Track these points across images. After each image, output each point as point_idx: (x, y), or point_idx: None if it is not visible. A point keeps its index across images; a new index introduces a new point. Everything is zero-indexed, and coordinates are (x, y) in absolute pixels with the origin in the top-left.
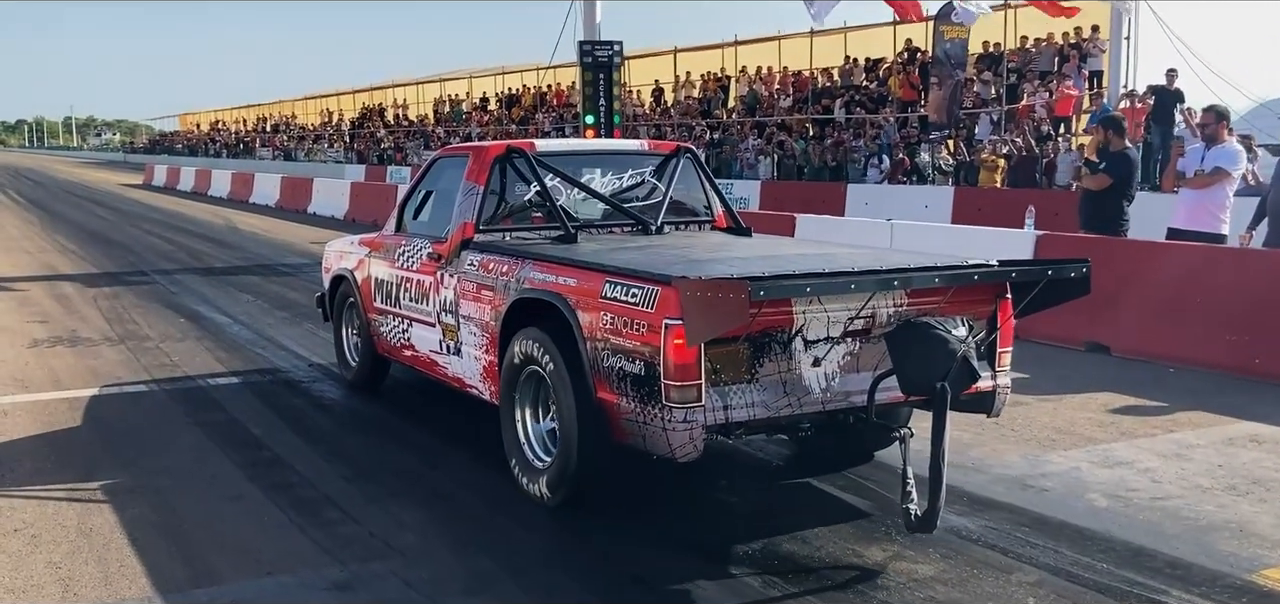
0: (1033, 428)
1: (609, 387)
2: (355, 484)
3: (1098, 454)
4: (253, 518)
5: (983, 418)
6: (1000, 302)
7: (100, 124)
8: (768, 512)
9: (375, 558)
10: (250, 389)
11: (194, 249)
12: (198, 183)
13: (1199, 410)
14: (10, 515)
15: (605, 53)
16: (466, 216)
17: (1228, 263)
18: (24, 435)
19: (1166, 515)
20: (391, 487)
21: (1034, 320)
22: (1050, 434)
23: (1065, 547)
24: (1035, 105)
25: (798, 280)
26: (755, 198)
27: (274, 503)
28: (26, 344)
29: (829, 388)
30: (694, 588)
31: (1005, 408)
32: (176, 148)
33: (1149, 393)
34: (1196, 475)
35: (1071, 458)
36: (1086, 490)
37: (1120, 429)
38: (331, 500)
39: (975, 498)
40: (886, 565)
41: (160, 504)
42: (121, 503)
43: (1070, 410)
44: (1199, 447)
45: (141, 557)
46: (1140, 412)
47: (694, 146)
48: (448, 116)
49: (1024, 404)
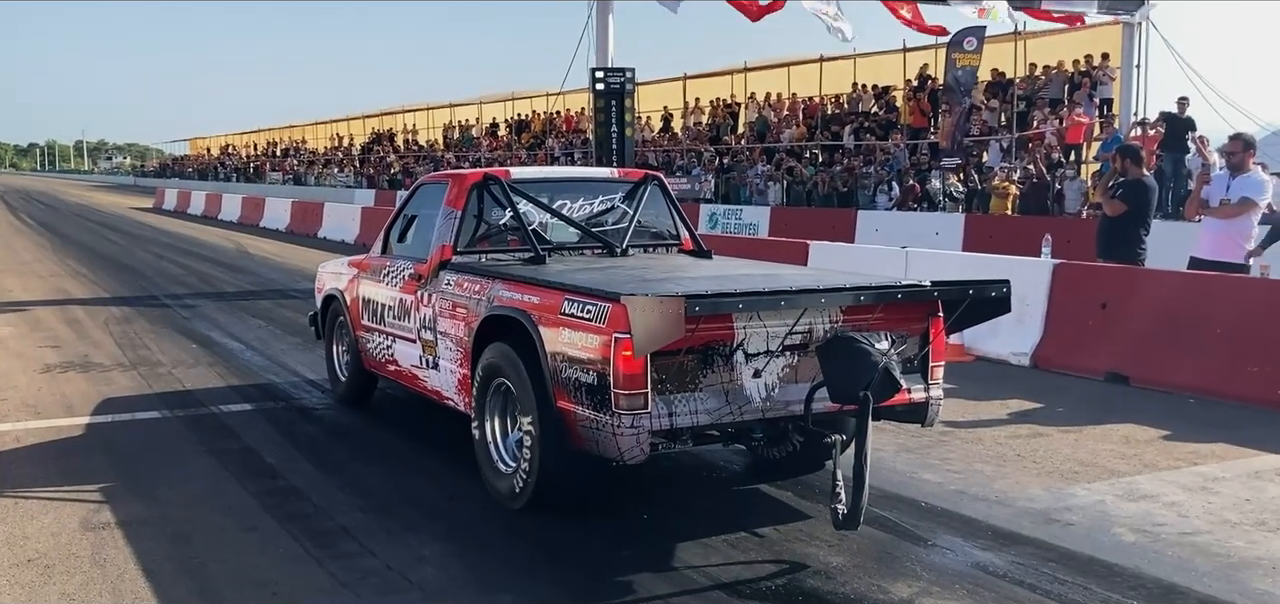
0: (1055, 460)
1: (567, 396)
2: (372, 515)
3: (1122, 487)
4: (268, 549)
5: (1005, 451)
6: (932, 319)
7: (111, 148)
8: (793, 537)
9: (393, 592)
10: (264, 416)
11: (205, 273)
12: (208, 207)
13: (1223, 442)
14: (23, 546)
15: (617, 80)
16: (445, 239)
17: (1251, 293)
18: (37, 463)
19: (1196, 551)
20: (409, 518)
21: (1052, 350)
22: (1073, 466)
23: (1094, 583)
24: (1046, 133)
25: (731, 297)
26: (765, 224)
27: (289, 534)
28: (39, 370)
29: (769, 397)
30: None
31: (1025, 439)
32: (187, 172)
33: (1171, 424)
34: (1224, 510)
35: (1096, 491)
36: (1112, 524)
37: (1144, 461)
38: (348, 532)
39: (1000, 532)
40: (913, 601)
41: (175, 535)
42: (135, 534)
43: (1092, 442)
44: (1225, 480)
45: (156, 589)
46: (1163, 443)
47: (661, 175)
48: (458, 142)
49: (1045, 435)
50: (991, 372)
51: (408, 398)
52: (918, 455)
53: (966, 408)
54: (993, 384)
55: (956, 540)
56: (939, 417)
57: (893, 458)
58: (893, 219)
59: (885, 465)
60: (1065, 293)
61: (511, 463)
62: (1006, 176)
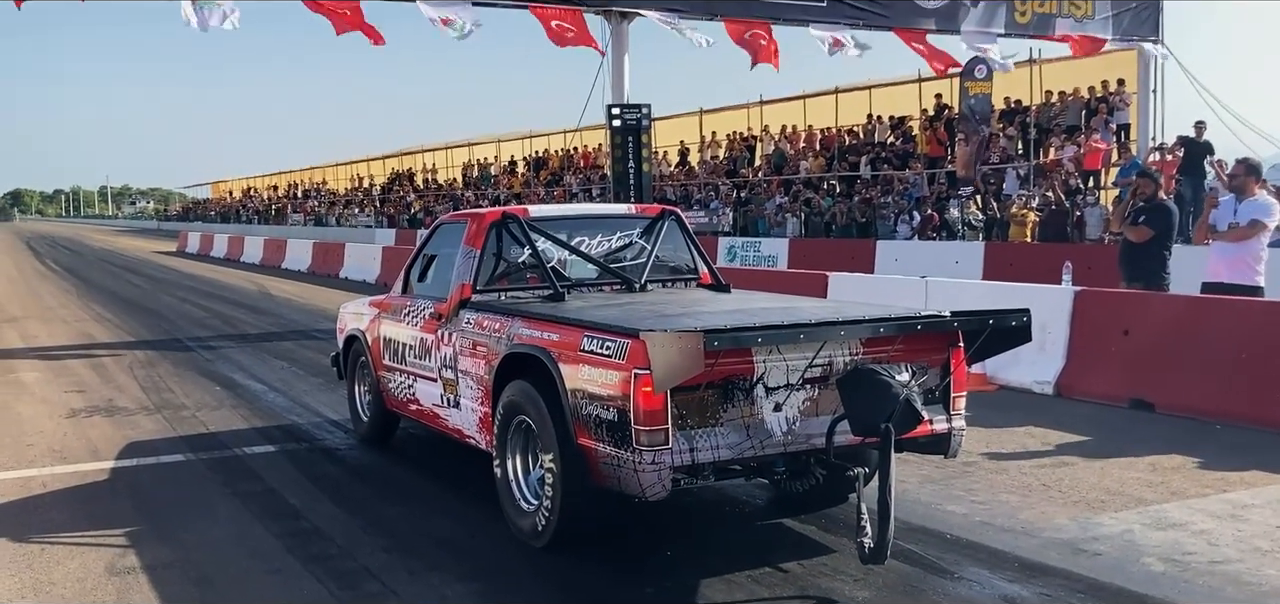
0: (1081, 489)
1: (588, 433)
2: (395, 555)
3: (1150, 516)
4: (292, 591)
5: (1030, 481)
6: (952, 349)
7: (135, 193)
8: (818, 572)
9: None
10: (287, 457)
11: (228, 316)
12: (231, 249)
13: (1253, 469)
14: (49, 592)
15: (634, 116)
16: (465, 278)
17: (1277, 316)
18: (63, 508)
19: (1227, 580)
20: (433, 558)
21: (1075, 378)
22: (1099, 495)
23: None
24: (1063, 159)
25: (750, 331)
26: (784, 256)
27: (314, 575)
28: (64, 414)
29: (790, 431)
30: None
31: (1050, 468)
32: (210, 215)
33: (1198, 451)
34: (1254, 537)
35: (1123, 520)
36: (1141, 555)
37: (1171, 489)
38: (371, 573)
39: (1027, 563)
40: None
41: (200, 578)
42: (160, 578)
43: (1118, 470)
44: (1255, 506)
45: None
46: (1191, 471)
47: (678, 209)
48: (476, 180)
49: (1070, 464)
50: (1014, 400)
51: (430, 437)
52: (942, 486)
53: (990, 437)
54: (1016, 413)
55: (983, 573)
56: (962, 447)
57: (917, 489)
58: (912, 248)
59: (909, 497)
60: (1087, 320)
61: (534, 500)
62: (1025, 204)
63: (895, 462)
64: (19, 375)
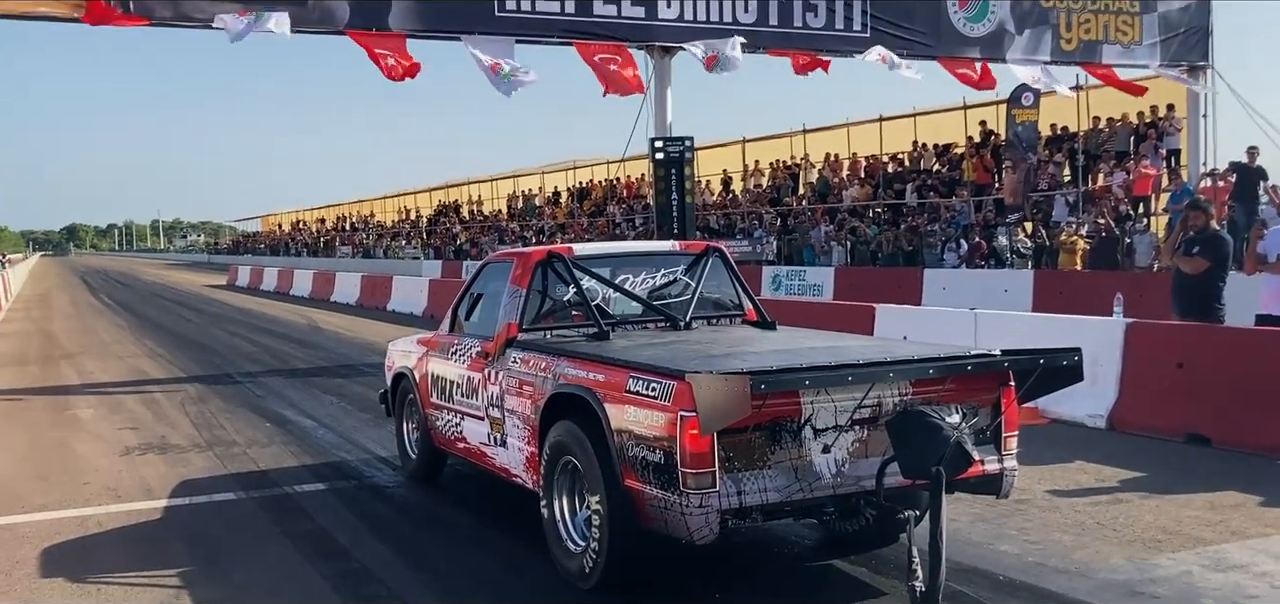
0: (1136, 528)
1: (635, 475)
2: (443, 596)
3: (1209, 557)
4: None
5: (1084, 520)
6: (1003, 388)
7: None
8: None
9: None
10: (336, 495)
11: (278, 350)
12: (280, 282)
13: None
14: None
15: (677, 148)
16: (511, 317)
17: None
18: (117, 547)
19: None
20: (479, 599)
21: (1128, 412)
22: (1156, 534)
23: None
24: (1112, 186)
25: (797, 373)
26: (829, 285)
27: None
28: (119, 452)
29: (839, 473)
30: None
31: (1104, 506)
32: (259, 248)
33: (1259, 488)
34: None
35: (1181, 561)
36: (1200, 596)
37: (1230, 528)
38: None
39: None
40: None
41: None
42: None
43: (1175, 508)
44: None
45: None
46: (1252, 509)
47: (723, 246)
48: (521, 211)
49: (1125, 501)
50: (1066, 434)
51: (477, 475)
52: (994, 525)
53: (1042, 474)
54: (1068, 448)
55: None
56: (1014, 487)
57: (968, 528)
58: (960, 277)
59: (961, 537)
60: (1139, 352)
61: (581, 542)
62: (1075, 231)
63: (946, 504)
64: (76, 412)
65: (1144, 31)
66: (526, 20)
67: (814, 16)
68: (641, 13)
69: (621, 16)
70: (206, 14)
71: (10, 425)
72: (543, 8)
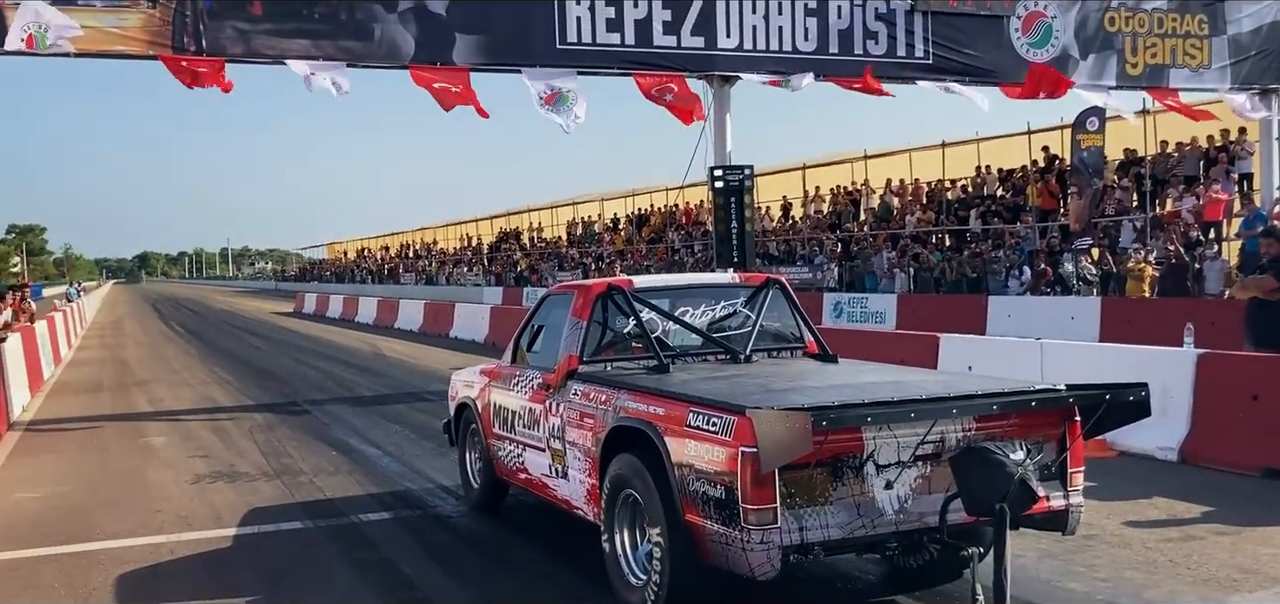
0: (1211, 566)
1: (695, 509)
2: None
3: None
4: None
5: (1156, 557)
6: (1069, 423)
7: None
8: None
9: None
10: (400, 524)
11: (343, 378)
12: (345, 310)
13: None
14: None
15: (736, 177)
16: (572, 349)
17: None
18: (188, 576)
19: None
20: None
21: (1201, 444)
22: (1231, 573)
23: None
24: (1182, 211)
25: (859, 409)
26: (892, 313)
27: None
28: (190, 480)
29: (901, 509)
30: None
31: (1177, 542)
32: (325, 275)
33: None
34: None
35: (1258, 601)
36: None
37: None
38: None
39: None
40: None
41: None
42: None
43: (1252, 545)
44: None
45: None
46: None
47: (783, 278)
48: (581, 238)
49: (1199, 539)
50: (1137, 467)
51: (539, 505)
52: (1062, 562)
53: (1112, 509)
54: (1139, 481)
55: None
56: (1080, 523)
57: (1035, 565)
58: (1025, 304)
59: (1027, 574)
60: (1211, 383)
61: (642, 575)
62: (1143, 258)
63: (1010, 542)
64: (148, 440)
65: (1213, 55)
66: (586, 52)
67: (875, 44)
68: (701, 42)
69: (681, 47)
70: (277, 50)
71: (84, 453)
72: (603, 39)
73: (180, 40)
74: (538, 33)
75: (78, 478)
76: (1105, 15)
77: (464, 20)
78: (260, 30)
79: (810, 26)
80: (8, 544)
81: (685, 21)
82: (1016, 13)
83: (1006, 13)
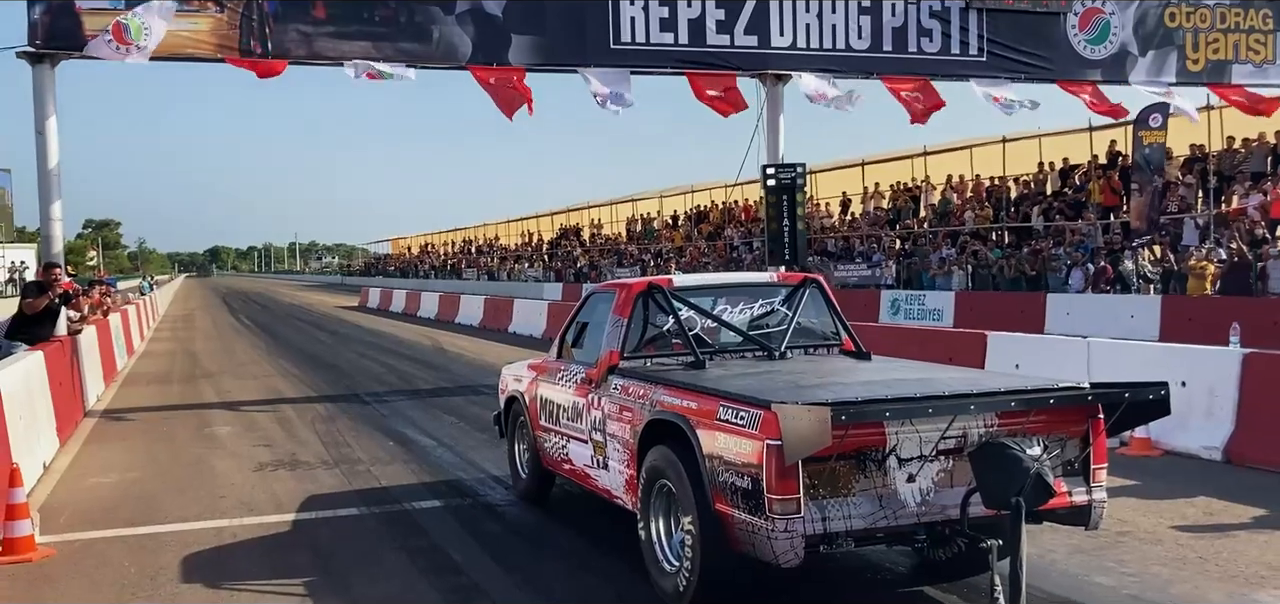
0: (1240, 562)
1: (724, 499)
2: None
3: None
4: None
5: (1186, 553)
6: (1092, 420)
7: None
8: None
9: None
10: (452, 513)
11: (403, 371)
12: (408, 304)
13: None
14: None
15: (788, 175)
16: (613, 345)
17: None
18: (249, 557)
19: None
20: None
21: (1246, 445)
22: (1260, 570)
23: None
24: (1248, 208)
25: (878, 405)
26: (949, 310)
27: None
28: (253, 468)
29: (923, 502)
30: None
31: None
32: (390, 270)
33: None
34: None
35: None
36: None
37: None
38: None
39: None
40: None
41: None
42: None
43: None
44: None
45: None
46: None
47: (821, 277)
48: (640, 234)
49: (1232, 537)
50: (1180, 467)
51: (583, 495)
52: (1092, 557)
53: (1149, 506)
54: (1180, 481)
55: None
56: (1104, 519)
57: (1065, 559)
58: (1085, 302)
59: (1056, 568)
60: (1258, 383)
61: (675, 562)
62: (1206, 255)
63: (1027, 536)
64: (215, 429)
65: (1278, 50)
66: (641, 52)
67: (929, 41)
68: (754, 41)
69: (735, 46)
70: (338, 52)
71: (154, 441)
72: (657, 39)
73: (247, 43)
74: (592, 33)
75: (147, 464)
76: (1166, 11)
77: (519, 21)
78: (323, 33)
79: (864, 24)
80: (82, 525)
81: (739, 20)
82: (1073, 9)
83: (1063, 10)
